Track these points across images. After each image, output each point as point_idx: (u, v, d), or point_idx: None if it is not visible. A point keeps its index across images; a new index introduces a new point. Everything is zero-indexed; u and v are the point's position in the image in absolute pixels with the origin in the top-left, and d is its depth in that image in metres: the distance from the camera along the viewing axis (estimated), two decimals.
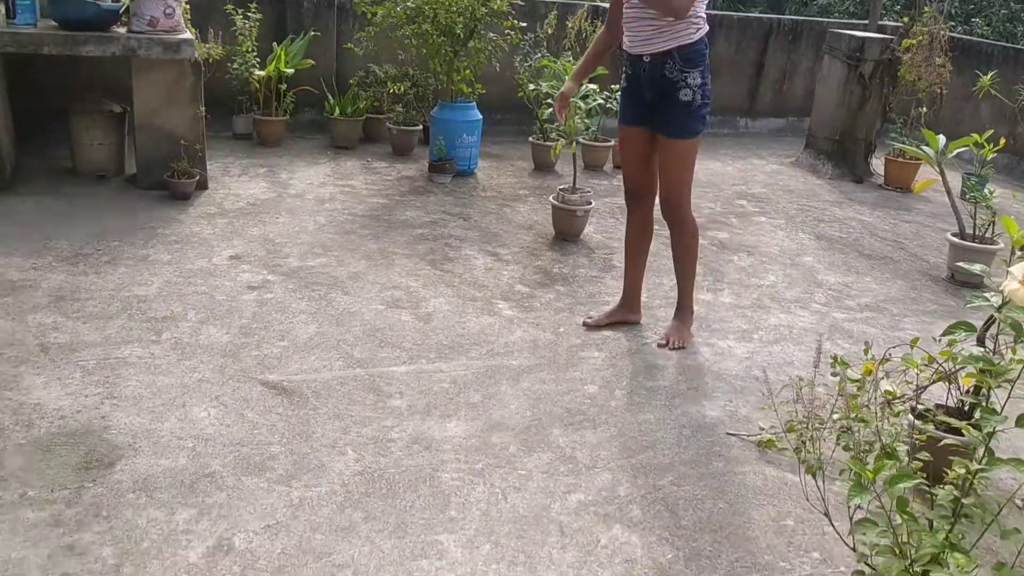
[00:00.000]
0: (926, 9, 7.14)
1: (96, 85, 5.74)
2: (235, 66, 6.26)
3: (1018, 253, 2.37)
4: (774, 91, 8.92)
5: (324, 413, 2.96)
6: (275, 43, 6.50)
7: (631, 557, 2.36)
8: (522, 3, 6.36)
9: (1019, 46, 8.13)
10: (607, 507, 2.58)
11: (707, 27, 3.45)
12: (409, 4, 5.86)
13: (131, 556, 2.19)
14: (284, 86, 6.41)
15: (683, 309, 3.83)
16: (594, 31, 7.04)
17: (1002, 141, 5.84)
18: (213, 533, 2.31)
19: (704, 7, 3.40)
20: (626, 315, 3.92)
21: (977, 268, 2.40)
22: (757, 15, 10.48)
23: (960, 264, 3.22)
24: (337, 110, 6.62)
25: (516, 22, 6.24)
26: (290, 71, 6.36)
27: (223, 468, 2.60)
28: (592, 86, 5.05)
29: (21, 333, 3.33)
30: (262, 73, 6.29)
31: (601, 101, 5.72)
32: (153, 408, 2.90)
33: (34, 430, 2.70)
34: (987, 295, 2.14)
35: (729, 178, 6.91)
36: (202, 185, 5.26)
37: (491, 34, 6.25)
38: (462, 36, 6.01)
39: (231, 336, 3.48)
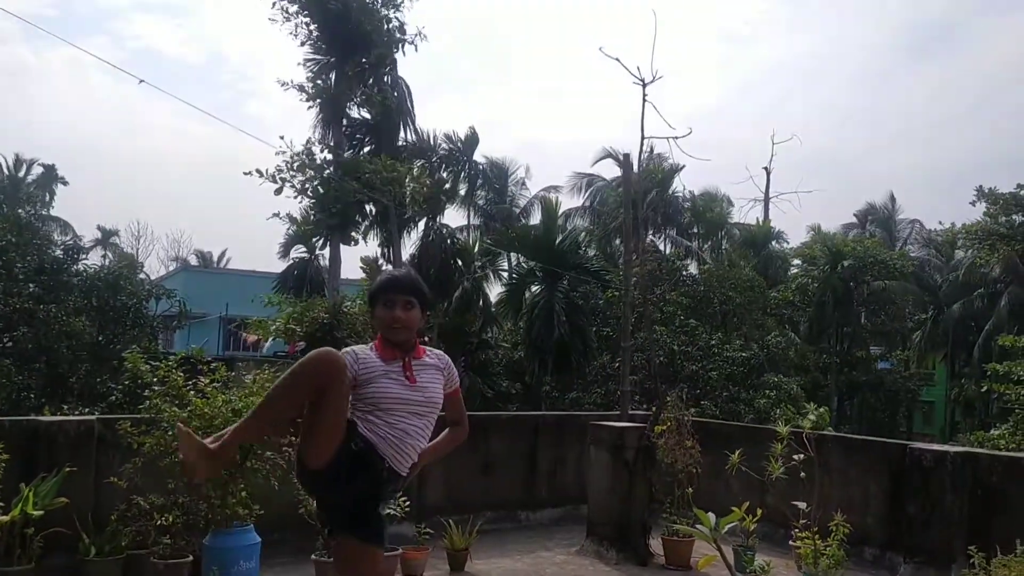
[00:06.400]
0: (667, 398, 8.03)
1: None
2: None
3: None
4: (548, 482, 9.28)
5: None
6: (23, 484, 5.95)
7: None
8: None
9: (752, 425, 9.24)
10: None
11: None
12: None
13: None
14: (31, 530, 5.76)
15: None
16: None
17: (759, 512, 6.34)
18: None
19: None
20: None
21: None
22: (524, 413, 11.27)
23: None
24: (93, 550, 5.98)
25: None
26: (38, 513, 5.77)
27: None
28: None
29: None
30: (4, 518, 5.65)
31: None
32: None
33: None
34: None
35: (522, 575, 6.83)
36: None
37: (268, 452, 6.13)
38: (238, 457, 5.85)
39: None
